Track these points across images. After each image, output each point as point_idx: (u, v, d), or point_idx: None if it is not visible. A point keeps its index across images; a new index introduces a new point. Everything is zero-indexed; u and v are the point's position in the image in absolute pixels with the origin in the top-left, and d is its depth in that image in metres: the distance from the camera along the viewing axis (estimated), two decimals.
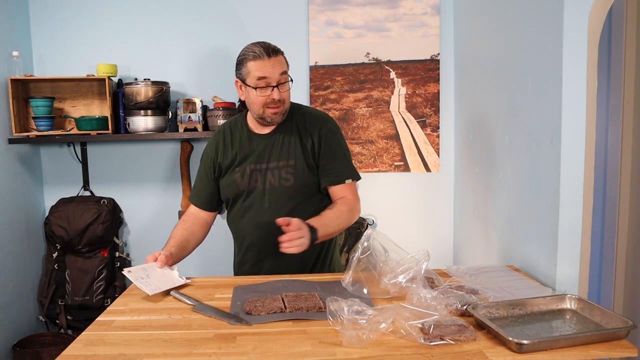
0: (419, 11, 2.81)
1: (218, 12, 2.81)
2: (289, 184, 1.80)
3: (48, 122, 2.62)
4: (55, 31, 2.81)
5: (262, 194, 1.81)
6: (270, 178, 1.81)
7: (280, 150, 1.81)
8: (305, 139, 1.82)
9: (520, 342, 1.15)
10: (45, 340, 2.69)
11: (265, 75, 1.70)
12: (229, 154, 1.86)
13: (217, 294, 1.59)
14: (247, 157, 1.83)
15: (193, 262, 2.94)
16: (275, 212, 1.75)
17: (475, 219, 2.50)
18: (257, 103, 1.75)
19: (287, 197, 1.80)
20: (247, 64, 1.72)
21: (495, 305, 1.36)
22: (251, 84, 1.73)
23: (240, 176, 1.83)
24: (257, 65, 1.70)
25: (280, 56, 1.74)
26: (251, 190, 1.82)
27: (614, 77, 2.12)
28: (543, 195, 1.71)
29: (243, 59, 1.74)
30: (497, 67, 2.17)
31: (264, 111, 1.76)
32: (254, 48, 1.72)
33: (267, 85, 1.72)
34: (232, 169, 1.85)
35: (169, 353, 1.20)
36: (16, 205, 2.67)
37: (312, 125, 1.84)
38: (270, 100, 1.73)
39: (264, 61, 1.70)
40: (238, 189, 1.83)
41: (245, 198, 1.84)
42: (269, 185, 1.81)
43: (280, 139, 1.82)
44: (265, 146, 1.82)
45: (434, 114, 2.86)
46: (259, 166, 1.82)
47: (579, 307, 1.39)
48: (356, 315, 1.25)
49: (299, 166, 1.80)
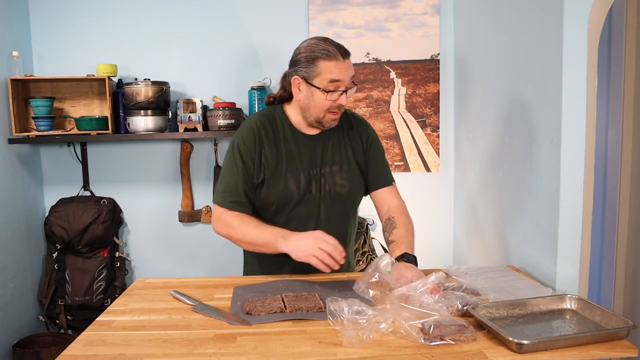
0: (419, 11, 2.81)
1: (218, 12, 2.81)
2: (345, 190, 1.69)
3: (48, 122, 2.62)
4: (55, 31, 2.81)
5: (317, 202, 1.67)
6: (325, 184, 1.67)
7: (333, 154, 1.69)
8: (354, 141, 1.73)
9: (521, 342, 1.15)
10: (45, 340, 2.69)
11: (339, 78, 1.56)
12: (274, 154, 1.66)
13: (217, 294, 1.59)
14: (297, 160, 1.67)
15: (194, 262, 2.95)
16: (331, 221, 1.66)
17: (475, 219, 2.50)
18: (321, 106, 1.60)
19: (341, 204, 1.70)
20: (318, 63, 1.56)
21: (496, 306, 1.36)
22: (320, 86, 1.57)
23: (294, 182, 1.65)
24: (331, 66, 1.55)
25: (350, 58, 1.61)
26: (305, 197, 1.66)
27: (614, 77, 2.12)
28: (543, 195, 1.71)
29: (312, 56, 1.57)
30: (497, 67, 2.17)
31: (325, 116, 1.62)
32: (326, 46, 1.56)
33: (336, 90, 1.57)
34: (280, 172, 1.65)
35: (169, 353, 1.20)
36: (16, 205, 2.67)
37: (358, 127, 1.76)
38: (336, 105, 1.59)
39: (338, 63, 1.56)
40: (291, 196, 1.65)
41: (296, 206, 1.67)
42: (324, 193, 1.68)
43: (331, 141, 1.70)
44: (316, 149, 1.69)
45: (434, 114, 2.86)
46: (313, 171, 1.67)
47: (579, 307, 1.38)
48: (356, 315, 1.25)
49: (352, 170, 1.71)
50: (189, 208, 2.90)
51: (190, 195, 2.90)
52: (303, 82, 1.61)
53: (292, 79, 1.63)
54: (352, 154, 1.73)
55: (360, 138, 1.75)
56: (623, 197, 2.08)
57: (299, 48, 1.63)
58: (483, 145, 2.36)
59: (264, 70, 2.83)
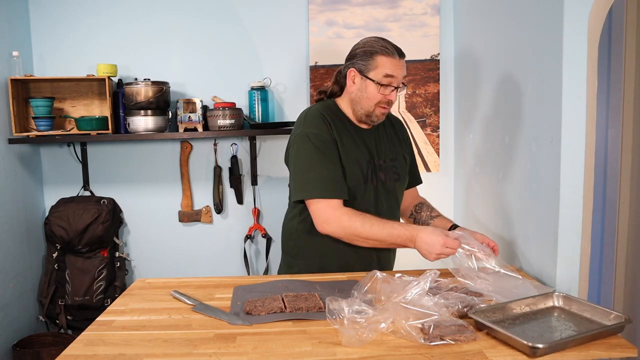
0: (419, 11, 2.81)
1: (218, 12, 2.81)
2: (399, 182, 1.82)
3: (48, 122, 2.61)
4: (55, 31, 2.81)
5: (377, 190, 1.76)
6: (382, 175, 1.77)
7: (387, 147, 1.81)
8: (400, 138, 1.88)
9: (535, 346, 1.14)
10: (45, 340, 2.69)
11: (394, 74, 1.66)
12: (344, 142, 1.72)
13: (217, 294, 1.59)
14: (360, 149, 1.75)
15: (194, 262, 2.95)
16: (391, 210, 1.77)
17: (475, 219, 2.50)
18: (373, 99, 1.69)
19: (395, 195, 1.82)
20: (376, 57, 1.67)
21: (492, 309, 1.35)
22: (375, 79, 1.67)
23: (361, 170, 1.73)
24: (388, 62, 1.66)
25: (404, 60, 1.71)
26: (369, 186, 1.75)
27: (614, 77, 2.12)
28: (543, 195, 1.71)
29: (372, 51, 1.68)
30: (497, 67, 2.17)
31: (375, 109, 1.71)
32: (385, 44, 1.68)
33: (390, 85, 1.67)
34: (351, 159, 1.72)
35: (169, 353, 1.20)
36: (16, 205, 2.67)
37: (400, 126, 1.93)
38: (386, 100, 1.69)
39: (395, 60, 1.67)
40: (360, 182, 1.72)
41: (363, 193, 1.74)
42: (381, 183, 1.77)
43: (383, 135, 1.83)
44: (372, 141, 1.79)
45: (434, 114, 2.86)
46: (373, 162, 1.76)
47: (565, 304, 1.41)
48: (356, 314, 1.25)
49: (402, 164, 1.85)
50: (189, 208, 2.90)
51: (190, 195, 2.90)
52: (358, 75, 1.71)
53: (348, 71, 1.73)
54: (400, 149, 1.88)
55: (403, 136, 1.92)
56: (623, 197, 2.08)
57: (358, 44, 1.74)
58: (483, 145, 2.36)
59: (264, 70, 2.83)
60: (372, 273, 1.43)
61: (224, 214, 2.93)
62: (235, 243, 2.91)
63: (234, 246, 2.93)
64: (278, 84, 2.83)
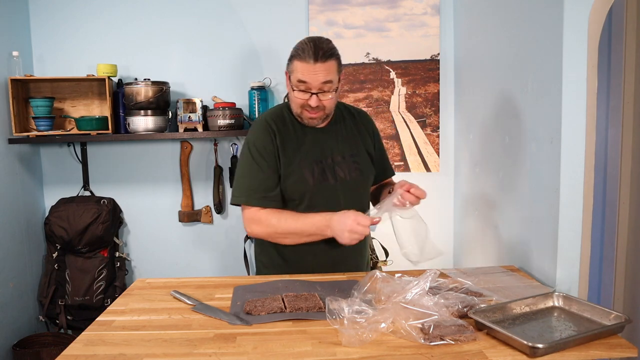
0: (419, 11, 2.81)
1: (218, 12, 2.81)
2: (360, 177, 1.78)
3: (48, 122, 2.61)
4: (55, 31, 2.81)
5: (334, 189, 1.73)
6: (340, 172, 1.74)
7: (344, 144, 1.78)
8: (362, 132, 1.83)
9: (535, 346, 1.14)
10: (45, 340, 2.69)
11: (305, 80, 1.62)
12: (287, 148, 1.71)
13: (217, 294, 1.59)
14: (308, 152, 1.73)
15: (194, 262, 2.95)
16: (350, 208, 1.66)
17: (475, 219, 2.50)
18: (295, 103, 1.69)
19: (357, 191, 1.79)
20: (294, 61, 1.64)
21: (492, 309, 1.35)
22: (292, 83, 1.66)
23: (309, 172, 1.71)
24: (301, 67, 1.62)
25: (329, 62, 1.62)
26: (322, 186, 1.72)
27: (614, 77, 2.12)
28: (543, 195, 1.71)
29: (293, 54, 1.66)
30: (497, 67, 2.17)
31: (302, 112, 1.70)
32: (305, 47, 1.62)
33: (307, 90, 1.64)
34: (295, 165, 1.71)
35: (169, 353, 1.20)
36: (16, 205, 2.67)
37: (362, 119, 1.87)
38: (307, 104, 1.66)
39: (308, 65, 1.60)
40: (308, 185, 1.70)
41: (314, 195, 1.72)
42: (340, 180, 1.74)
43: (342, 130, 1.79)
44: (328, 140, 1.76)
45: (434, 114, 2.86)
46: (325, 161, 1.74)
47: (565, 304, 1.41)
48: (356, 314, 1.25)
49: (364, 159, 1.80)
50: (189, 208, 2.90)
51: (190, 195, 2.90)
52: (287, 78, 1.71)
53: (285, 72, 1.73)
54: (361, 143, 1.82)
55: (366, 129, 1.85)
56: (623, 197, 2.08)
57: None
58: (483, 145, 2.36)
59: (264, 70, 2.83)
60: (372, 273, 1.43)
61: (224, 214, 2.93)
62: (235, 243, 2.91)
63: (234, 246, 2.92)
64: (278, 84, 2.83)
